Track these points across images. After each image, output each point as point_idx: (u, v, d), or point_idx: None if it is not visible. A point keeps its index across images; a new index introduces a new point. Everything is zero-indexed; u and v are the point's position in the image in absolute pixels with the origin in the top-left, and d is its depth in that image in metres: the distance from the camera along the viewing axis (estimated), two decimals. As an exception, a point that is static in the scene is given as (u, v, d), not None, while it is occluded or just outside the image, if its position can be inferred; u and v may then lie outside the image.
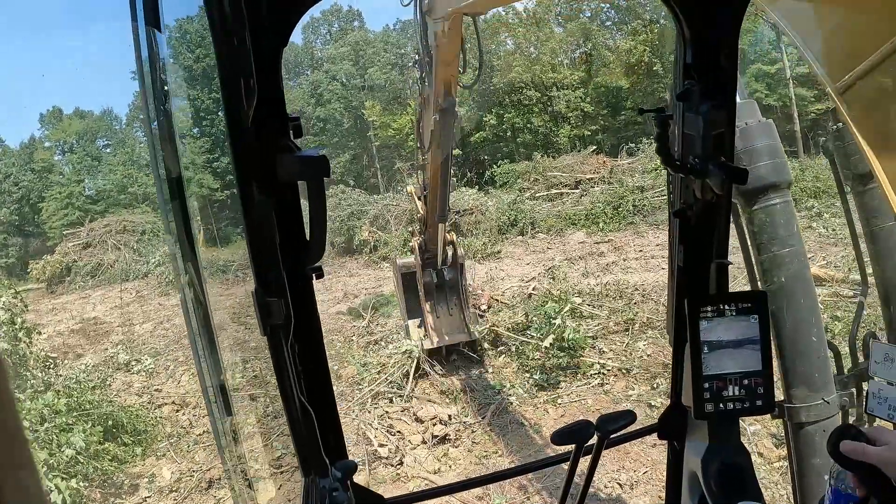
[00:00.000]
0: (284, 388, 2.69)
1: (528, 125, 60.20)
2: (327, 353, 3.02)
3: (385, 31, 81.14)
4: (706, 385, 3.15)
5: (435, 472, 11.82)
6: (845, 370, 5.48)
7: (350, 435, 12.87)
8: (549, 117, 60.56)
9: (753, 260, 5.40)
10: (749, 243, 5.43)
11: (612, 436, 3.14)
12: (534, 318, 16.41)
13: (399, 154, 64.03)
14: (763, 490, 3.27)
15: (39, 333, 16.27)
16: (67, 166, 64.74)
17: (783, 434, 5.88)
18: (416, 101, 14.12)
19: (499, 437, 12.65)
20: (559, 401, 13.69)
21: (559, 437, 3.02)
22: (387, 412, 14.18)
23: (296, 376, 2.72)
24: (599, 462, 3.28)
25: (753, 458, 9.72)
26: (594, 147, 43.75)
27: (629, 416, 3.15)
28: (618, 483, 10.41)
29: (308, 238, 2.54)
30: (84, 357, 19.65)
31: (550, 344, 14.93)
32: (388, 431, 13.48)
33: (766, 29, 49.29)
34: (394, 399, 14.72)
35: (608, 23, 64.53)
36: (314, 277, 2.73)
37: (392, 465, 12.23)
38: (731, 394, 3.15)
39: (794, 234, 5.32)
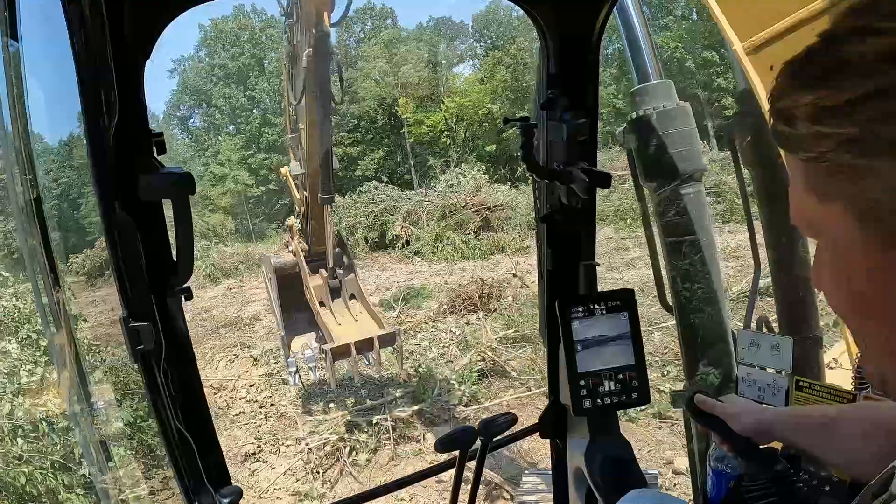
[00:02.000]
0: (159, 416, 2.59)
1: (560, 121, 60.13)
2: None
3: (418, 28, 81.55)
4: (582, 382, 3.17)
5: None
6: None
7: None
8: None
9: (660, 249, 5.37)
10: (656, 232, 5.39)
11: (494, 438, 3.23)
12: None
13: (432, 151, 64.32)
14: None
15: (85, 321, 16.77)
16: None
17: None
18: (283, 58, 12.10)
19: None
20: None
21: (442, 444, 3.06)
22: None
23: (170, 403, 2.58)
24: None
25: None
26: (625, 143, 43.71)
27: (510, 419, 3.25)
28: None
29: (175, 259, 2.48)
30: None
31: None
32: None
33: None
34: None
35: (640, 19, 64.29)
36: (183, 299, 2.62)
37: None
38: (607, 389, 3.19)
39: (704, 225, 5.27)
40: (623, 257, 23.52)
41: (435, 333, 17.45)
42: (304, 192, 12.41)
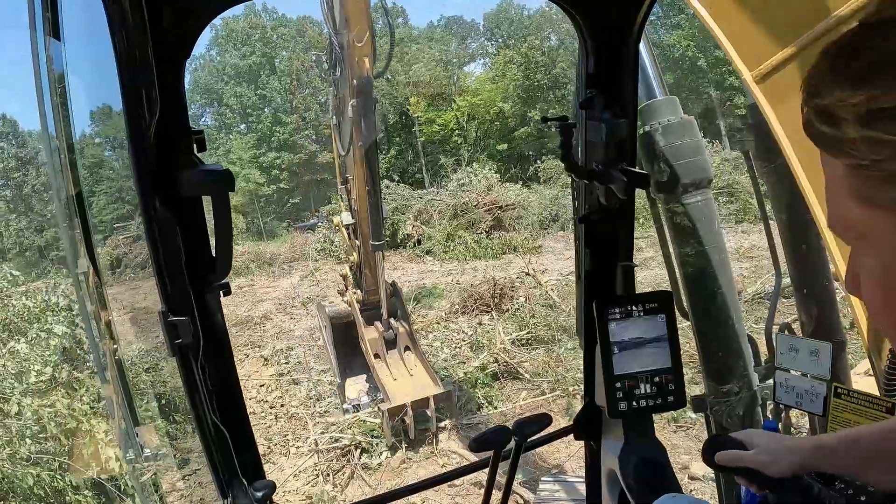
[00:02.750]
0: (196, 410, 2.63)
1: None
2: None
3: (429, 27, 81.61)
4: (618, 384, 3.17)
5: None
6: (763, 362, 5.47)
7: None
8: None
9: (673, 256, 5.41)
10: (669, 240, 5.42)
11: (529, 439, 3.20)
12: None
13: (444, 150, 64.33)
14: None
15: (97, 321, 16.80)
16: (117, 161, 65.63)
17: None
18: (331, 113, 12.37)
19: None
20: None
21: (477, 444, 3.04)
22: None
23: (207, 397, 2.62)
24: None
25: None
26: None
27: (545, 420, 3.22)
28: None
29: (214, 254, 2.49)
30: (135, 343, 20.23)
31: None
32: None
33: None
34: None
35: (652, 17, 63.88)
36: (222, 294, 2.63)
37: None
38: (643, 391, 3.18)
39: (714, 231, 5.33)
40: (636, 257, 23.38)
41: (447, 334, 17.36)
42: (357, 241, 12.54)
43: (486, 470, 3.24)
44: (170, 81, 2.24)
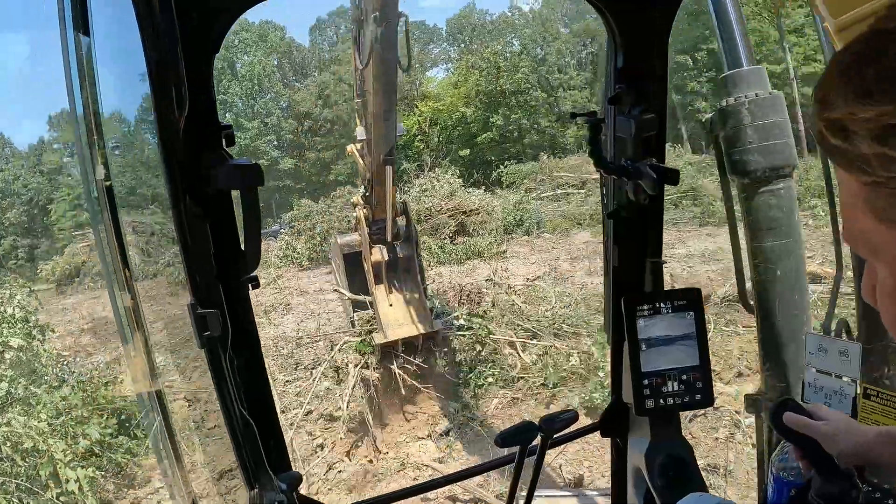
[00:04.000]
0: (224, 401, 2.65)
1: (535, 126, 60.31)
2: (340, 350, 3.04)
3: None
4: (645, 382, 3.20)
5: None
6: None
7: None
8: (555, 118, 60.67)
9: (744, 246, 5.13)
10: (742, 228, 5.14)
11: (555, 435, 3.18)
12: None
13: (406, 155, 64.25)
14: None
15: (53, 331, 16.43)
16: (76, 168, 64.95)
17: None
18: (352, 18, 12.01)
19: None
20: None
21: (503, 439, 3.02)
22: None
23: (235, 389, 2.65)
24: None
25: (746, 449, 9.88)
26: (601, 147, 43.88)
27: (572, 416, 3.17)
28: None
29: (243, 248, 2.53)
30: (95, 355, 19.86)
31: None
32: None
33: (771, 29, 49.39)
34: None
35: (613, 24, 64.67)
36: (250, 287, 2.69)
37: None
38: (670, 389, 3.21)
39: (793, 224, 5.00)
40: (602, 262, 23.43)
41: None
42: (368, 158, 12.64)
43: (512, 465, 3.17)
44: (198, 77, 2.29)
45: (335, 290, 15.77)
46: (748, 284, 5.17)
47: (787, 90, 48.03)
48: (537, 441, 3.11)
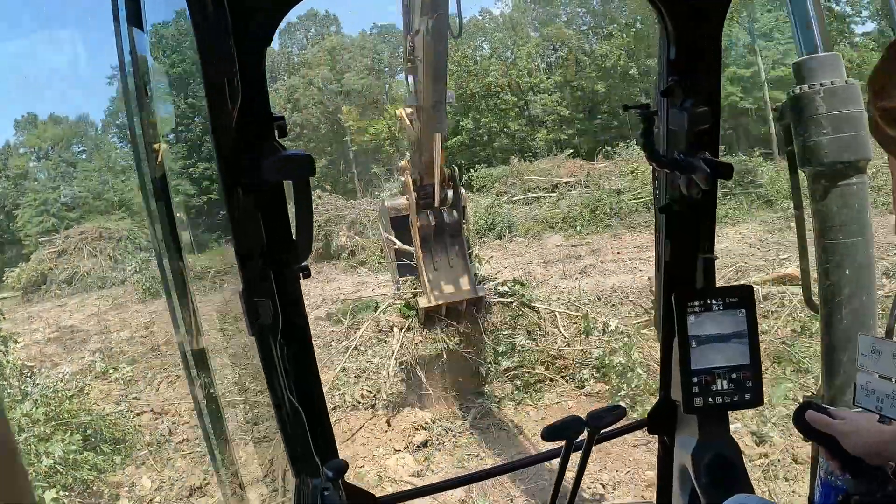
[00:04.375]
0: (274, 389, 2.73)
1: (505, 129, 60.37)
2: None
3: (362, 35, 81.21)
4: (695, 379, 3.18)
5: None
6: None
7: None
8: (525, 121, 60.72)
9: (812, 242, 4.99)
10: (811, 223, 4.99)
11: (602, 431, 3.13)
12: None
13: (376, 159, 64.09)
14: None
15: (16, 342, 16.07)
16: (42, 173, 64.11)
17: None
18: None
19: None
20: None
21: (549, 433, 2.99)
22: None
23: (285, 376, 2.73)
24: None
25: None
26: (571, 151, 43.92)
27: (619, 412, 3.13)
28: (600, 484, 10.45)
29: (294, 237, 2.54)
30: (61, 366, 19.46)
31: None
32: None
33: (742, 33, 49.72)
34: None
35: (584, 27, 64.78)
36: (301, 277, 2.73)
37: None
38: (719, 388, 3.18)
39: (865, 222, 4.83)
40: (576, 265, 23.26)
41: (386, 349, 16.88)
42: (417, 124, 12.69)
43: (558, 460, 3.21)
44: (251, 69, 2.38)
45: (386, 239, 15.51)
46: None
47: (758, 93, 48.46)
48: (584, 436, 3.08)
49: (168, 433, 14.38)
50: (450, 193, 13.84)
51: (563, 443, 3.08)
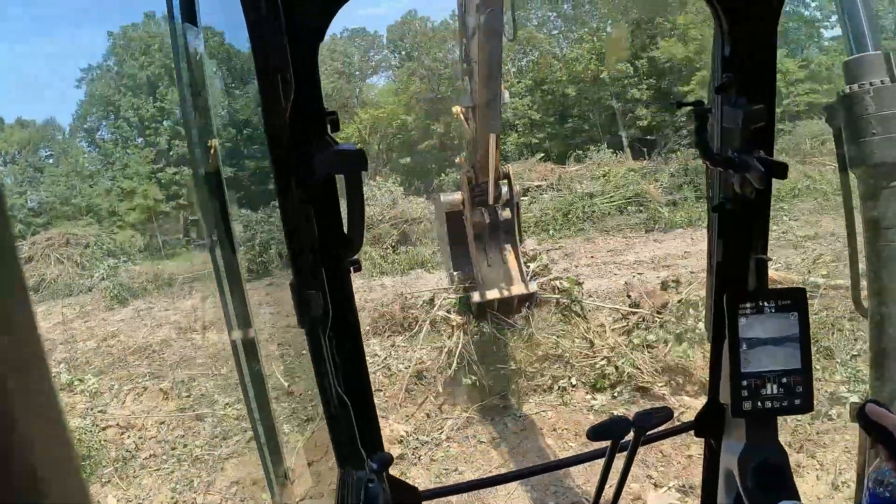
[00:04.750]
0: (322, 381, 2.75)
1: (476, 133, 60.40)
2: (283, 367, 2.96)
3: (332, 39, 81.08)
4: (744, 383, 3.15)
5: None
6: None
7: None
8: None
9: (861, 245, 4.85)
10: (863, 228, 4.81)
11: (648, 432, 3.12)
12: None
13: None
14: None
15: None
16: (8, 178, 63.38)
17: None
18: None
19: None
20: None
21: (595, 432, 2.98)
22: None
23: (333, 369, 2.76)
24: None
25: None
26: (542, 154, 44.00)
27: (666, 413, 3.12)
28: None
29: (346, 231, 2.61)
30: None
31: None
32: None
33: (712, 37, 50.08)
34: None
35: (555, 31, 64.93)
36: (352, 270, 2.76)
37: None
38: (769, 392, 3.14)
39: None
40: (549, 269, 23.25)
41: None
42: (473, 124, 12.61)
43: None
44: (304, 64, 2.37)
45: (440, 235, 16.14)
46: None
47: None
48: (630, 437, 3.07)
49: (135, 448, 14.10)
50: (504, 190, 13.92)
51: (608, 443, 3.07)
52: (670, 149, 41.67)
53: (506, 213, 14.04)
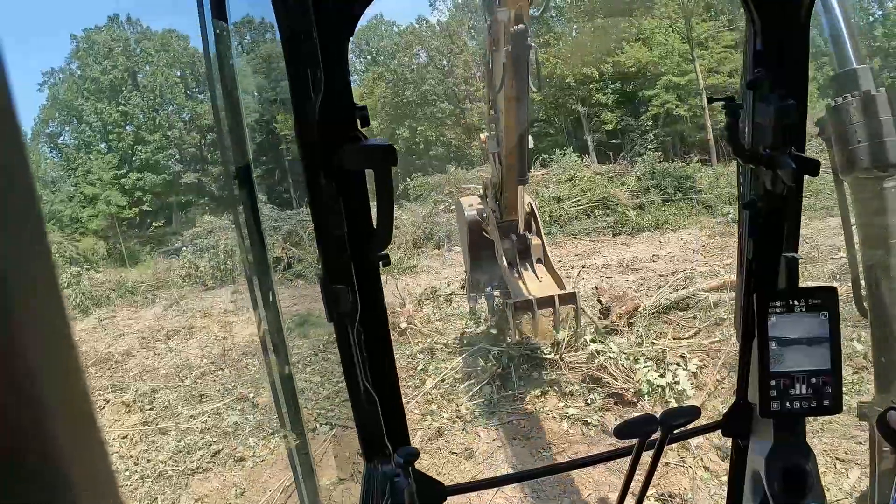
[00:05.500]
0: (350, 375, 2.77)
1: (442, 138, 60.40)
2: (248, 377, 2.84)
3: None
4: (773, 382, 3.13)
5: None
6: None
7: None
8: (462, 130, 60.88)
9: (858, 247, 4.92)
10: (857, 232, 4.90)
11: (675, 431, 3.09)
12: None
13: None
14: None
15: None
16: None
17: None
18: (485, 45, 12.64)
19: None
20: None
21: (620, 431, 2.98)
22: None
23: (361, 363, 2.77)
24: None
25: (700, 472, 9.55)
26: (508, 159, 44.07)
27: (693, 412, 3.08)
28: None
29: (375, 226, 2.58)
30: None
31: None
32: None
33: (677, 42, 50.34)
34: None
35: (520, 35, 65.14)
36: (381, 265, 2.74)
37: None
38: (798, 392, 3.13)
39: None
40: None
41: (327, 366, 16.47)
42: (500, 167, 12.85)
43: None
44: (333, 60, 2.36)
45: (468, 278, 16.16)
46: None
47: (697, 100, 49.05)
48: (657, 435, 3.07)
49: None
50: (532, 223, 14.11)
51: (634, 441, 3.08)
52: (636, 152, 41.90)
53: (534, 238, 14.03)
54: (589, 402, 12.70)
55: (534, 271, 14.07)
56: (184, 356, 18.02)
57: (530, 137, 12.01)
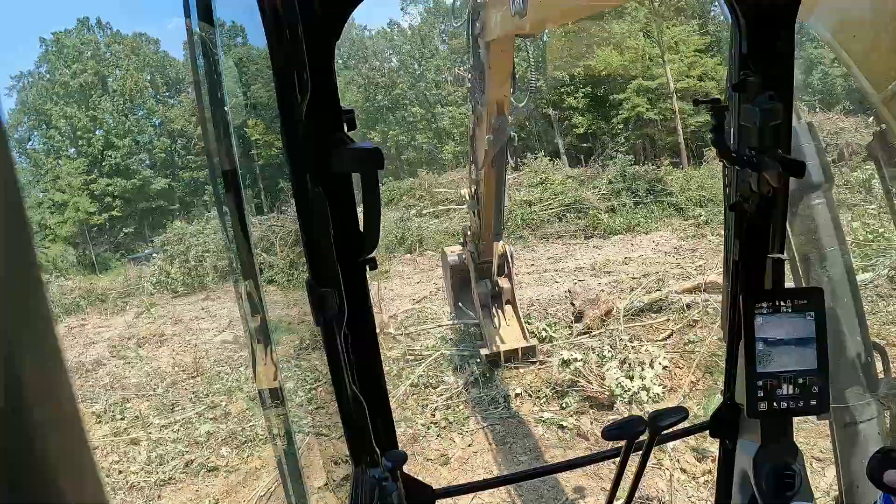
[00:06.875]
0: (337, 379, 2.73)
1: (413, 142, 60.39)
2: (220, 385, 2.79)
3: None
4: (759, 383, 3.16)
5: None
6: (893, 371, 5.30)
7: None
8: (433, 134, 60.87)
9: (797, 259, 5.12)
10: (791, 243, 5.12)
11: (663, 432, 3.14)
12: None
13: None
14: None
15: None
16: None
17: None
18: (468, 118, 13.14)
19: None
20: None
21: (609, 432, 3.01)
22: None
23: (348, 367, 2.75)
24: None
25: (676, 474, 9.55)
26: (479, 163, 44.12)
27: (681, 413, 3.13)
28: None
29: (362, 229, 2.57)
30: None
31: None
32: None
33: (647, 47, 50.62)
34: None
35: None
36: (367, 268, 2.74)
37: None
38: (785, 392, 3.15)
39: (835, 234, 5.10)
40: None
41: (301, 374, 16.36)
42: (478, 221, 13.93)
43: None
44: (320, 62, 2.38)
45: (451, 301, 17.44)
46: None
47: (668, 104, 49.28)
48: (644, 437, 3.11)
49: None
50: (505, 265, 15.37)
51: (622, 443, 3.13)
52: (608, 156, 42.06)
53: (504, 283, 15.33)
54: (564, 405, 12.74)
55: (503, 313, 15.58)
56: (155, 364, 17.85)
57: (507, 197, 13.28)
